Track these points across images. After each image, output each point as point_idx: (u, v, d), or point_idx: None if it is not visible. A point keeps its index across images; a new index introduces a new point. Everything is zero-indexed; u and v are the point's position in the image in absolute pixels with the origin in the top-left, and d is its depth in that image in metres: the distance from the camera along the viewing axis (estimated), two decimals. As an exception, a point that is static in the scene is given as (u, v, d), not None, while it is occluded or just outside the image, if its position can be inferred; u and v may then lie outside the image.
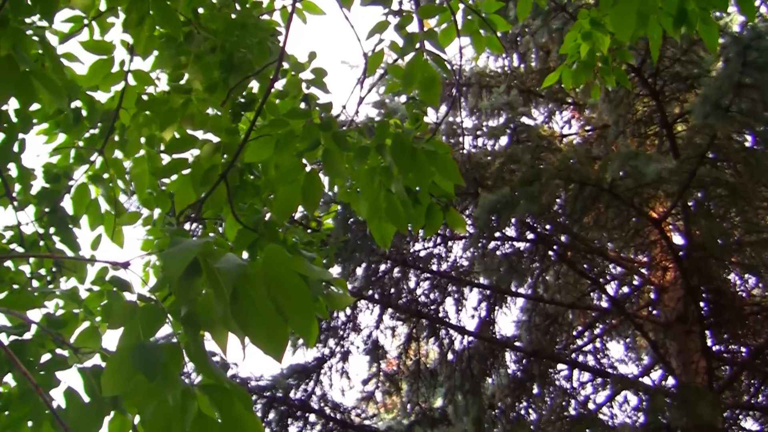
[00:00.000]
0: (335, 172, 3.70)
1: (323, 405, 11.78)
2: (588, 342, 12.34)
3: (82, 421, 2.55)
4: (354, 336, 12.17)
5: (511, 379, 11.36)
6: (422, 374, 12.18)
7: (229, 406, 1.93)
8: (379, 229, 3.84)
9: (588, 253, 11.05)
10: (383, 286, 11.66)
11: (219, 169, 3.87)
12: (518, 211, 8.87)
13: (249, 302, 1.84)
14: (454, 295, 11.93)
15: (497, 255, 10.93)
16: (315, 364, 11.90)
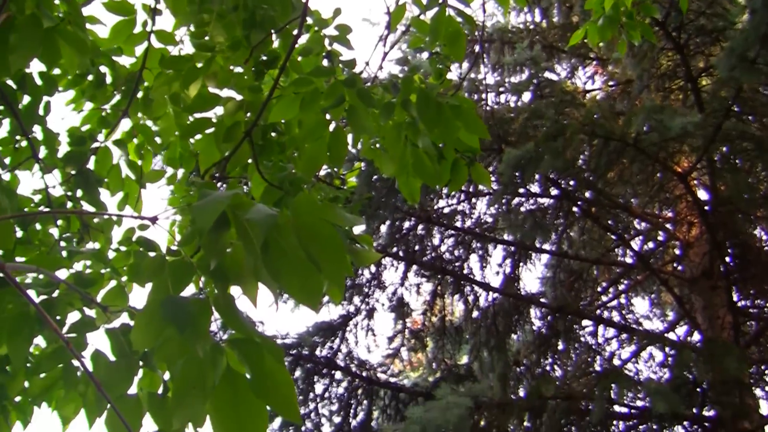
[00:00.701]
0: (361, 127, 3.69)
1: (349, 362, 11.83)
2: (613, 298, 12.31)
3: (113, 380, 2.56)
4: (379, 293, 12.21)
5: (536, 335, 11.37)
6: (447, 331, 12.21)
7: (259, 360, 1.92)
8: (407, 185, 3.84)
9: (612, 209, 10.99)
10: (407, 243, 11.66)
11: (242, 127, 3.87)
12: (542, 166, 8.83)
13: (280, 253, 1.82)
14: (478, 251, 11.93)
15: (521, 211, 10.91)
16: (340, 322, 11.95)
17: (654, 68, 11.04)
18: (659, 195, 11.09)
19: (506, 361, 10.79)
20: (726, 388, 8.47)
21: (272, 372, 1.93)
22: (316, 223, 1.84)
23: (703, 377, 8.74)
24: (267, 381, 1.93)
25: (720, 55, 8.79)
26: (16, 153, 4.23)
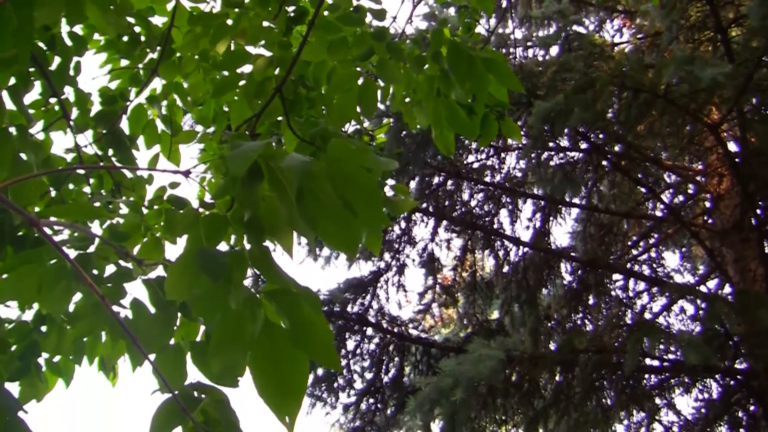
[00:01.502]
0: (391, 78, 3.70)
1: (380, 318, 11.88)
2: (643, 251, 12.26)
3: (151, 331, 2.58)
4: (409, 249, 12.24)
5: (567, 289, 11.36)
6: (478, 286, 12.23)
7: (296, 310, 1.93)
8: (441, 137, 3.85)
9: (642, 162, 10.92)
10: (437, 198, 11.67)
11: (273, 83, 3.88)
12: (572, 119, 8.77)
13: (315, 200, 1.82)
14: (508, 206, 11.91)
15: (551, 165, 10.87)
16: (371, 278, 12.00)
17: (683, 19, 10.91)
18: (689, 147, 10.99)
19: (537, 315, 10.80)
20: (759, 340, 8.43)
21: (310, 321, 1.94)
22: (351, 169, 1.83)
23: (735, 329, 8.72)
24: (305, 330, 1.93)
25: (751, 5, 8.68)
26: (47, 114, 4.25)
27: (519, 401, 9.57)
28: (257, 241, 1.98)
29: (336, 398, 11.79)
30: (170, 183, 3.85)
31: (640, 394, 9.64)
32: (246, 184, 1.89)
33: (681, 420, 10.11)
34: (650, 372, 9.71)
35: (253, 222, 1.96)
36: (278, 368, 1.95)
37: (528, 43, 12.00)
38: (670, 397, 10.13)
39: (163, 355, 2.59)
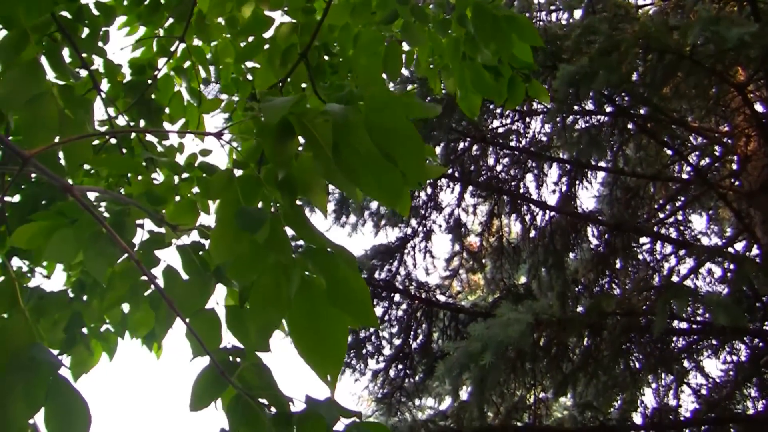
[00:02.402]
0: (416, 41, 3.69)
1: (408, 284, 11.91)
2: (670, 214, 12.21)
3: (187, 297, 2.59)
4: (436, 215, 12.25)
5: (594, 253, 11.34)
6: (505, 251, 12.23)
7: (333, 269, 1.93)
8: (466, 100, 3.84)
9: (668, 124, 10.86)
10: (463, 163, 11.66)
11: (297, 49, 3.88)
12: (597, 82, 8.72)
13: (352, 152, 1.79)
14: (534, 170, 11.89)
15: (576, 129, 10.83)
16: (398, 244, 12.02)
17: (708, -21, 10.83)
18: (716, 108, 10.91)
19: (564, 279, 10.80)
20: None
21: (347, 280, 1.93)
22: (390, 118, 1.81)
23: (763, 290, 8.69)
24: (342, 289, 1.93)
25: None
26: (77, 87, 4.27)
27: (547, 365, 9.59)
28: (291, 200, 1.98)
29: (365, 365, 11.85)
30: (201, 150, 3.87)
31: (668, 356, 9.65)
32: (278, 142, 1.89)
33: (709, 382, 10.12)
34: (678, 334, 9.71)
35: (286, 181, 1.96)
36: (317, 327, 1.95)
37: (551, 7, 11.94)
38: (698, 359, 10.14)
39: (197, 321, 2.60)
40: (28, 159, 1.86)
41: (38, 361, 1.73)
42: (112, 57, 4.34)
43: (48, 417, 1.77)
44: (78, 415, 1.79)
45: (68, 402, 1.78)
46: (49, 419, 1.77)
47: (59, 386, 1.77)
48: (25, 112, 2.52)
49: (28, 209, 3.37)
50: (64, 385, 1.79)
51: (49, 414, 1.76)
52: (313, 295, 1.95)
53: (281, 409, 1.99)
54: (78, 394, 1.80)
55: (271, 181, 1.98)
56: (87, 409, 1.80)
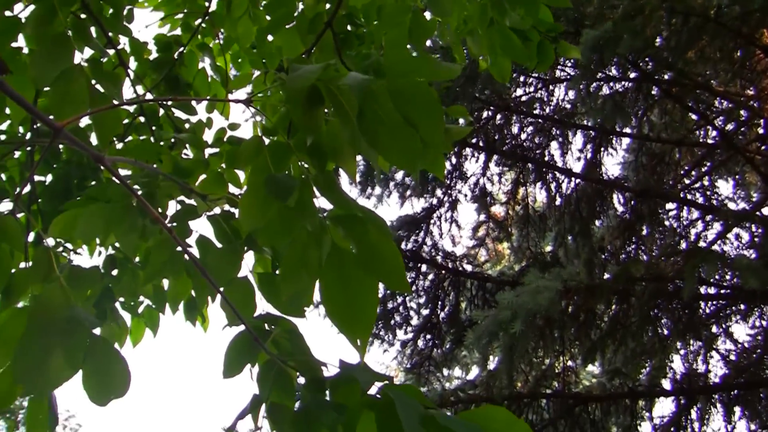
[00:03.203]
0: (443, 11, 3.68)
1: (434, 254, 11.94)
2: (696, 180, 12.14)
3: (220, 265, 2.62)
4: (461, 184, 12.24)
5: (620, 220, 11.31)
6: (531, 219, 12.22)
7: (363, 234, 1.94)
8: (496, 65, 3.84)
9: (693, 89, 10.79)
10: (487, 132, 11.64)
11: (324, 18, 3.88)
12: (621, 47, 8.67)
13: (376, 119, 1.80)
14: (558, 138, 11.86)
15: (600, 95, 10.78)
16: (424, 215, 12.04)
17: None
18: (741, 72, 10.82)
19: (591, 246, 10.78)
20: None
21: (378, 244, 1.94)
22: (412, 84, 1.81)
23: (792, 254, 8.66)
24: (373, 254, 1.94)
25: None
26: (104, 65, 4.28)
27: (576, 332, 9.59)
28: (321, 165, 1.99)
29: (393, 335, 11.91)
30: (230, 125, 3.88)
31: (696, 322, 9.63)
32: (306, 108, 1.90)
33: (738, 348, 10.10)
34: (707, 300, 9.68)
35: (316, 147, 1.97)
36: (348, 292, 1.96)
37: (573, -28, 11.87)
38: (726, 325, 10.10)
39: (231, 289, 2.63)
40: (59, 130, 1.88)
41: (76, 321, 1.75)
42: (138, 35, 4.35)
43: (86, 376, 1.79)
44: (117, 374, 1.81)
45: (107, 361, 1.80)
46: (88, 378, 1.79)
47: (97, 345, 1.79)
48: (55, 86, 2.54)
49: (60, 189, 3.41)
50: (102, 345, 1.81)
51: (88, 373, 1.79)
52: (343, 260, 1.96)
53: (314, 374, 2.01)
54: (117, 353, 1.83)
55: (301, 147, 1.99)
56: (126, 367, 1.82)
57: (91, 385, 1.81)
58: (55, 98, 2.52)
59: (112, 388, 1.82)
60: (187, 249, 2.25)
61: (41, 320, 1.76)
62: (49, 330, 1.75)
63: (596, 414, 9.76)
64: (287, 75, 1.82)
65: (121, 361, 1.84)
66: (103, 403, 1.83)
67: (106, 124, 2.71)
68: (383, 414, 1.78)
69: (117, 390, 1.83)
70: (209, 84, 4.68)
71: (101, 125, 2.70)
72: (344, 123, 1.84)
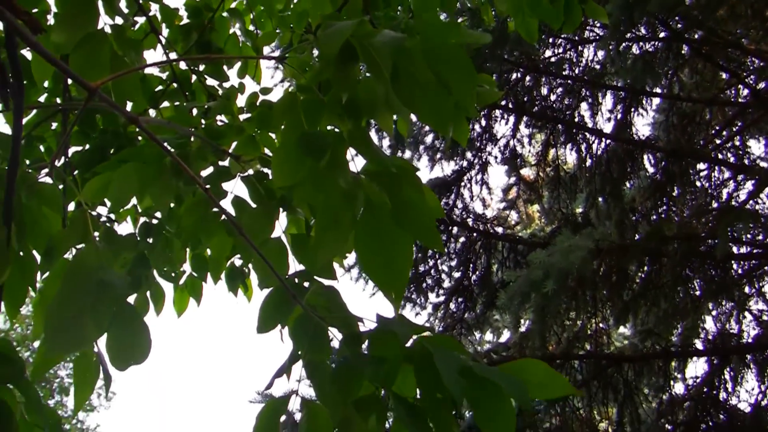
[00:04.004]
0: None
1: (465, 217, 11.94)
2: (727, 139, 12.04)
3: (255, 226, 2.64)
4: (491, 146, 12.22)
5: (651, 181, 11.25)
6: (562, 180, 12.18)
7: (397, 190, 1.94)
8: (523, 25, 3.82)
9: (724, 48, 10.68)
10: (516, 94, 11.59)
11: (351, -20, 3.87)
12: (651, 5, 8.59)
13: (410, 78, 1.81)
14: (588, 99, 11.79)
15: (630, 55, 10.69)
16: (454, 177, 12.03)
17: None
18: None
19: (622, 208, 10.73)
20: None
21: (412, 200, 1.95)
22: (444, 44, 1.81)
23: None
24: (407, 210, 1.95)
25: None
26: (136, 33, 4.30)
27: (608, 293, 9.58)
28: (356, 122, 1.99)
29: (425, 298, 11.95)
30: (261, 89, 3.88)
31: (729, 282, 9.59)
32: (340, 65, 1.90)
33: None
34: (739, 259, 9.63)
35: (351, 104, 1.97)
36: (382, 247, 1.97)
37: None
38: (759, 285, 10.06)
39: (265, 249, 2.65)
40: (94, 90, 1.89)
41: (106, 284, 1.77)
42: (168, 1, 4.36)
43: (110, 340, 1.81)
44: (139, 341, 1.83)
45: (131, 328, 1.82)
46: (111, 343, 1.81)
47: (124, 311, 1.81)
48: (77, 51, 2.54)
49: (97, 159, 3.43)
50: (129, 311, 1.83)
51: (112, 337, 1.81)
52: (377, 216, 1.97)
53: (351, 329, 2.02)
54: (141, 321, 1.84)
55: (335, 104, 1.99)
56: (148, 336, 1.84)
57: (113, 350, 1.83)
58: (78, 63, 2.53)
59: (133, 355, 1.84)
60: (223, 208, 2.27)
61: (75, 281, 1.78)
62: (82, 291, 1.77)
63: (629, 375, 9.77)
64: (321, 31, 1.82)
65: (144, 329, 1.86)
66: (123, 368, 1.85)
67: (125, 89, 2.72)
68: (422, 366, 1.80)
69: (137, 357, 1.85)
70: (240, 49, 4.69)
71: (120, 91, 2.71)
72: (378, 80, 1.83)
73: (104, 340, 1.81)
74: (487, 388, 1.72)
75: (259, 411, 2.06)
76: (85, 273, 1.77)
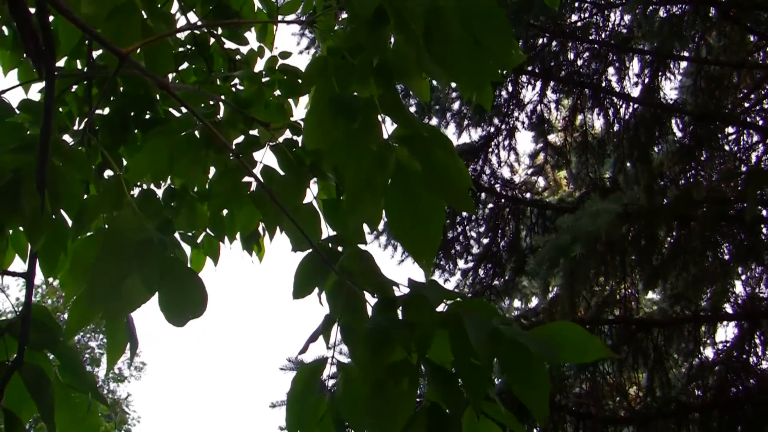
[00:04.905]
0: None
1: (493, 183, 11.92)
2: (756, 102, 11.93)
3: (285, 193, 2.64)
4: (518, 112, 12.17)
5: (679, 146, 11.18)
6: (589, 145, 12.12)
7: (428, 154, 1.94)
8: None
9: (752, 9, 10.57)
10: (543, 59, 11.53)
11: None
12: (678, -33, 8.53)
13: (443, 37, 1.79)
14: (615, 63, 11.71)
15: (657, 19, 10.60)
16: (482, 143, 11.99)
17: None
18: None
19: (651, 172, 10.67)
20: None
21: (443, 164, 1.94)
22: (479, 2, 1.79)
23: None
24: (438, 174, 1.94)
25: None
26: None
27: (637, 258, 9.55)
28: (387, 86, 1.99)
29: (454, 265, 11.96)
30: (281, 53, 3.87)
31: (758, 246, 9.54)
32: (372, 28, 1.89)
33: (801, 271, 10.01)
34: (767, 223, 9.58)
35: (382, 67, 1.97)
36: (413, 211, 1.97)
37: None
38: (789, 248, 10.00)
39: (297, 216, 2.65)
40: (125, 57, 1.89)
41: (150, 244, 1.78)
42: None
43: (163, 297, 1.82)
44: (194, 294, 1.84)
45: (183, 281, 1.83)
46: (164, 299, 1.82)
47: (173, 266, 1.82)
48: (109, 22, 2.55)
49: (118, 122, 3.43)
50: (178, 266, 1.84)
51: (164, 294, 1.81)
52: (408, 180, 1.97)
53: (385, 293, 2.02)
54: (193, 273, 1.85)
55: (366, 68, 1.98)
56: (203, 287, 1.85)
57: (168, 306, 1.84)
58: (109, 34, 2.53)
59: (190, 309, 1.85)
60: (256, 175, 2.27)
61: (115, 244, 1.79)
62: (124, 253, 1.78)
63: (659, 340, 9.75)
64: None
65: (197, 281, 1.86)
66: (181, 324, 1.86)
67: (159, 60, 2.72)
68: (456, 331, 1.80)
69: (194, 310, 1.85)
70: (255, 14, 4.65)
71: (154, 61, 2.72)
72: (410, 42, 1.83)
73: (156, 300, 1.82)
74: (518, 352, 1.71)
75: (295, 374, 2.07)
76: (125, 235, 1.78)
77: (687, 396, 9.37)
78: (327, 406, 2.07)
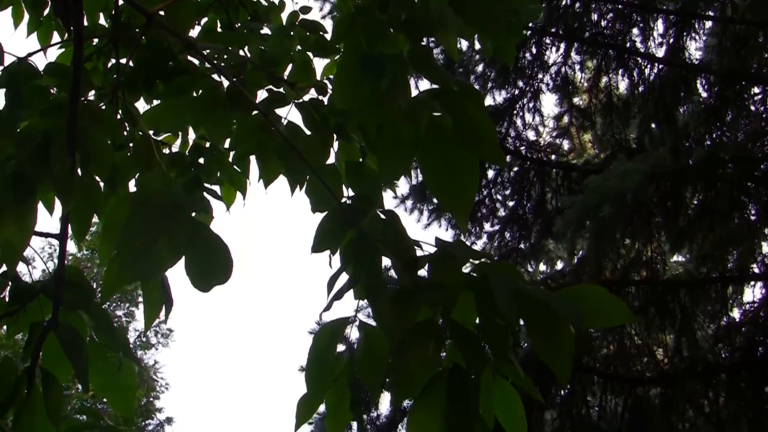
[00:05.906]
0: None
1: (519, 145, 11.90)
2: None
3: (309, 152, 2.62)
4: (542, 74, 12.11)
5: (704, 106, 11.10)
6: (614, 107, 12.06)
7: (460, 108, 1.93)
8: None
9: (778, -34, 10.46)
10: (567, 21, 11.45)
11: None
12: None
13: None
14: (639, 24, 11.62)
15: (681, -23, 10.53)
16: (506, 106, 11.95)
17: None
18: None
19: (676, 133, 10.62)
20: None
21: (474, 118, 1.94)
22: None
23: None
24: (469, 127, 1.94)
25: None
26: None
27: (663, 219, 9.52)
28: (416, 41, 1.98)
29: (480, 228, 11.98)
30: (301, 8, 3.83)
31: (786, 205, 9.49)
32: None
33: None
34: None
35: (410, 22, 1.96)
36: (448, 166, 1.97)
37: None
38: (817, 207, 9.94)
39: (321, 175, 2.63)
40: (152, 16, 1.88)
41: (178, 207, 1.78)
42: None
43: (189, 262, 1.82)
44: (219, 260, 1.84)
45: (209, 247, 1.83)
46: (190, 264, 1.82)
47: (200, 232, 1.82)
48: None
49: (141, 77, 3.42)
50: (205, 231, 1.83)
51: (190, 259, 1.81)
52: (441, 135, 1.96)
53: (407, 254, 2.01)
54: (219, 239, 1.85)
55: (395, 23, 1.97)
56: (228, 253, 1.85)
57: (193, 271, 1.84)
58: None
59: (215, 274, 1.85)
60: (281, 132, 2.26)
61: (144, 207, 1.79)
62: (152, 216, 1.78)
63: (686, 301, 9.73)
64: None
65: (223, 247, 1.87)
66: (206, 289, 1.86)
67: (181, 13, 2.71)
68: (481, 292, 1.79)
69: (220, 276, 1.86)
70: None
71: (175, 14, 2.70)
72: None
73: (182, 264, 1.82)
74: (543, 313, 1.71)
75: (315, 333, 2.08)
76: (154, 198, 1.77)
77: (714, 357, 9.36)
78: (344, 367, 2.08)
